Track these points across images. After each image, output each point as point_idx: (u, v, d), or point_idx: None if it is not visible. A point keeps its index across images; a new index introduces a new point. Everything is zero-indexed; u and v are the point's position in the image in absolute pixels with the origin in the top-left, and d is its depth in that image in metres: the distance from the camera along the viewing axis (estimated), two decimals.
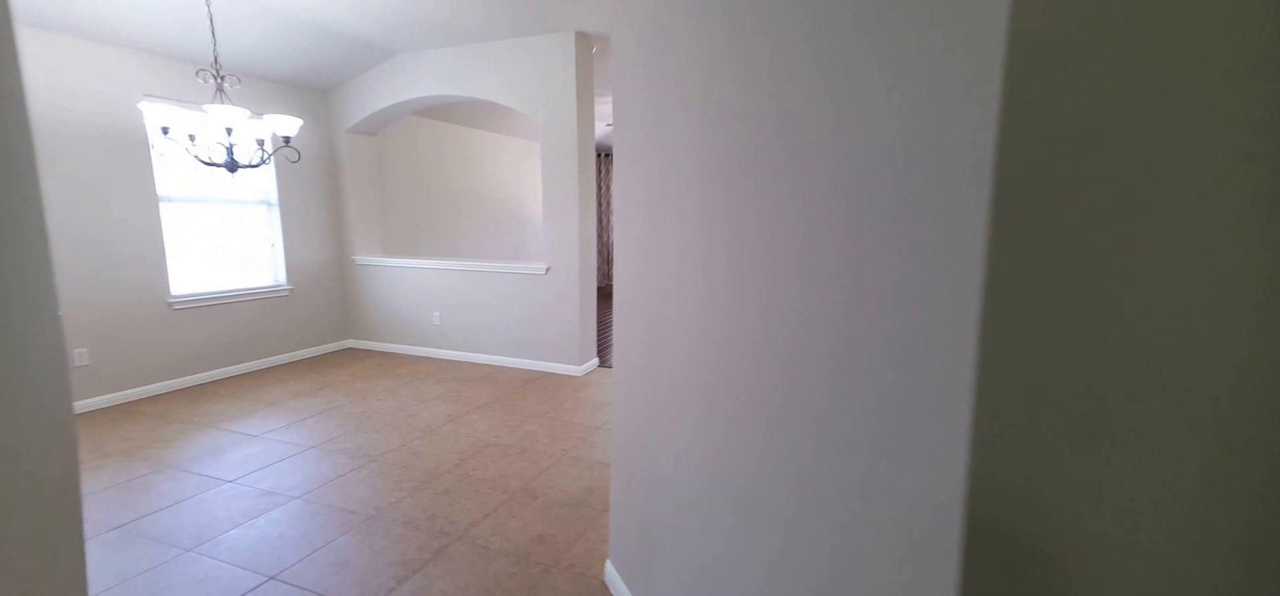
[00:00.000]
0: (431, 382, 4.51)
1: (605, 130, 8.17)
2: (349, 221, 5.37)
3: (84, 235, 3.65)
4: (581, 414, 3.89)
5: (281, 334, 4.95)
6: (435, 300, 5.18)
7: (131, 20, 3.55)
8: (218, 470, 2.99)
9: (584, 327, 4.72)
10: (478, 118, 6.61)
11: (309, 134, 5.05)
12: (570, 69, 4.31)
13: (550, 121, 4.45)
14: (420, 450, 3.29)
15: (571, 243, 4.54)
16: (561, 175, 4.49)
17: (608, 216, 9.79)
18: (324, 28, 4.09)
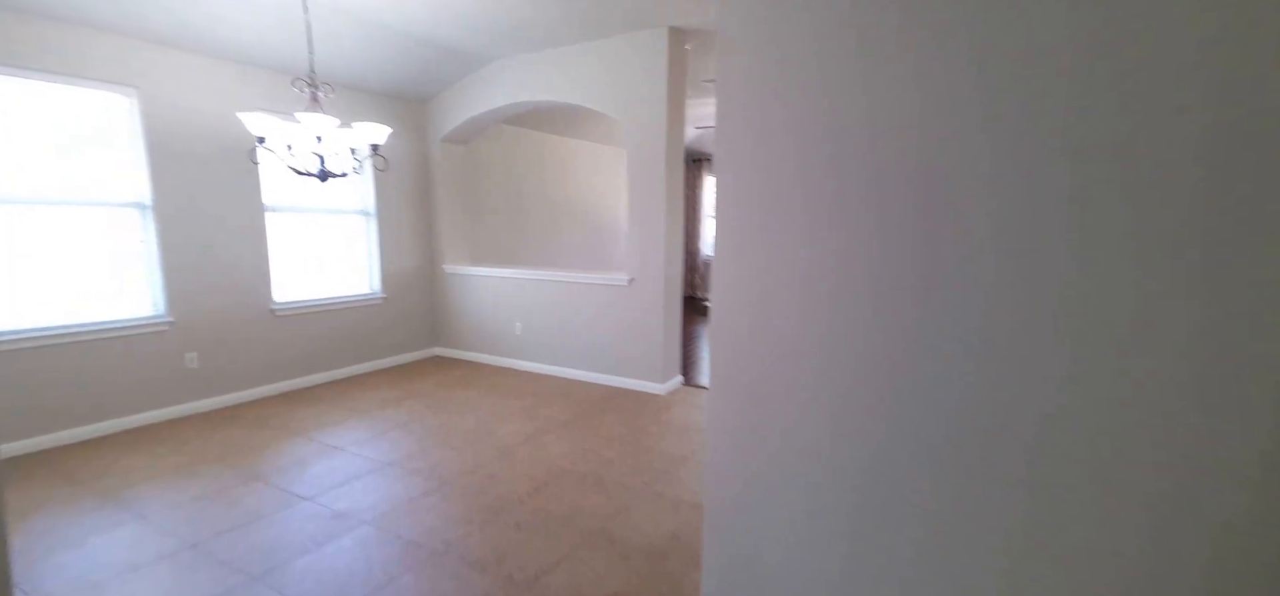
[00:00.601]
0: (510, 396, 4.36)
1: (696, 133, 7.81)
2: (440, 230, 5.41)
3: (199, 244, 3.85)
4: (665, 439, 3.54)
5: (374, 341, 5.04)
6: (517, 310, 5.06)
7: (239, 37, 3.68)
8: (299, 485, 2.95)
9: (668, 343, 4.38)
10: (565, 124, 6.50)
11: (405, 143, 5.13)
12: (661, 68, 3.99)
13: (638, 124, 4.15)
14: (494, 473, 3.10)
15: (656, 252, 4.22)
16: (648, 181, 4.18)
17: (696, 225, 9.41)
18: (420, 37, 4.08)
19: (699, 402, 4.24)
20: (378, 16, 3.70)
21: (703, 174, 9.30)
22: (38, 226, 3.22)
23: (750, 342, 1.29)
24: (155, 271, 3.68)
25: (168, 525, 2.54)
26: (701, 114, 6.77)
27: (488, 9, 3.72)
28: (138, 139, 3.54)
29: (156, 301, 3.70)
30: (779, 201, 1.16)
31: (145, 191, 3.59)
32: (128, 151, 3.53)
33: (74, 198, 3.33)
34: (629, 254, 4.37)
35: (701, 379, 4.84)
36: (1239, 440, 0.65)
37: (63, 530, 2.47)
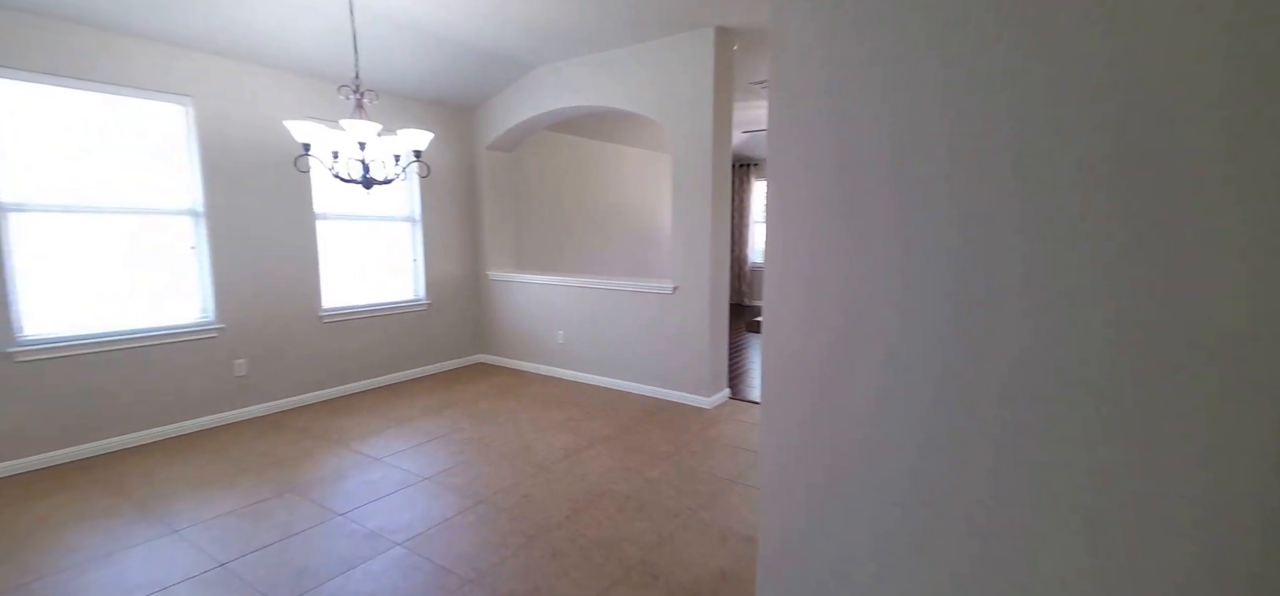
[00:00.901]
0: (552, 407, 4.21)
1: (743, 138, 7.53)
2: (484, 236, 5.35)
3: (250, 251, 3.88)
4: (712, 459, 3.28)
5: (418, 348, 5.01)
6: (559, 318, 4.93)
7: (289, 47, 3.70)
8: (335, 499, 2.87)
9: (714, 354, 4.12)
10: (609, 130, 6.35)
11: (450, 150, 5.10)
12: (707, 70, 3.77)
13: (683, 128, 3.94)
14: (532, 492, 2.93)
15: (702, 260, 3.98)
16: (693, 186, 3.95)
17: (743, 231, 9.09)
18: (465, 44, 4.01)
19: (748, 419, 3.96)
20: (423, 23, 3.64)
21: (750, 179, 8.99)
22: (96, 233, 3.29)
23: (806, 357, 1.14)
24: (206, 278, 3.72)
25: (200, 541, 2.49)
26: (749, 118, 6.48)
27: (531, 14, 3.61)
28: (192, 148, 3.60)
29: (207, 308, 3.75)
30: (836, 206, 1.05)
31: (198, 199, 3.65)
32: (182, 160, 3.59)
33: (131, 206, 3.40)
34: (673, 261, 4.15)
35: (750, 393, 4.55)
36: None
37: (97, 543, 2.46)
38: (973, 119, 0.78)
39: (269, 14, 3.34)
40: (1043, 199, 0.73)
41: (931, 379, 0.86)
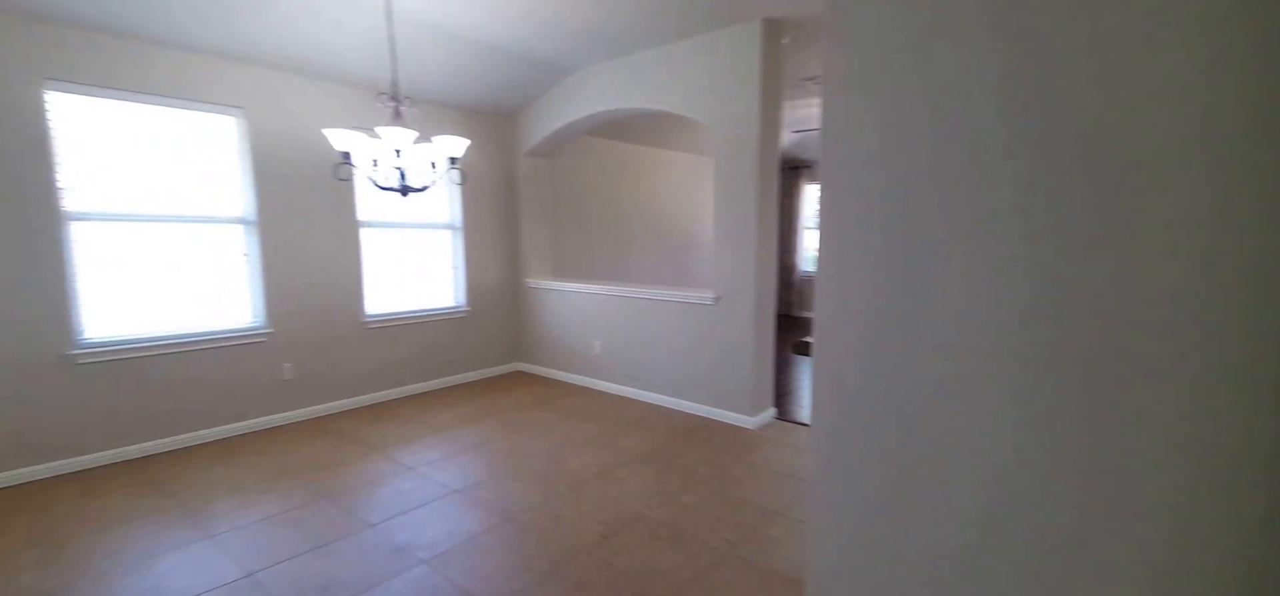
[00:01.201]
0: (587, 421, 4.09)
1: (793, 138, 7.22)
2: (523, 244, 5.32)
3: (297, 257, 3.97)
4: (755, 486, 3.07)
5: (457, 355, 5.02)
6: (596, 327, 4.81)
7: (333, 58, 3.76)
8: (366, 508, 2.84)
9: (759, 370, 3.89)
10: (649, 134, 6.22)
11: (490, 157, 5.10)
12: (753, 65, 3.56)
13: (727, 128, 3.74)
14: (561, 512, 2.80)
15: (746, 269, 3.76)
16: (738, 190, 3.75)
17: (792, 237, 8.74)
18: (503, 49, 3.97)
19: (796, 442, 3.70)
20: (462, 30, 3.62)
21: (801, 182, 8.63)
22: (152, 240, 3.42)
23: (864, 381, 1.02)
24: (256, 283, 3.82)
25: (233, 547, 2.50)
26: (800, 117, 6.19)
27: (569, 16, 3.51)
28: (244, 158, 3.71)
29: (257, 312, 3.85)
30: (898, 210, 0.94)
31: (249, 207, 3.75)
32: (234, 170, 3.70)
33: (185, 214, 3.52)
34: (715, 270, 3.95)
35: (799, 413, 4.29)
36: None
37: (139, 546, 2.50)
38: (1050, 103, 0.67)
39: (315, 25, 3.39)
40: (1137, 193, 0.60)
41: (1004, 401, 0.75)
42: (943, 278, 0.83)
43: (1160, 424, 0.63)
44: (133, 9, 2.99)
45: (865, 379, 1.03)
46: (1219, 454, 0.60)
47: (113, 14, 3.00)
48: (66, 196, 3.10)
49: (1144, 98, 0.61)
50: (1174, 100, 0.60)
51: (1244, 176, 0.56)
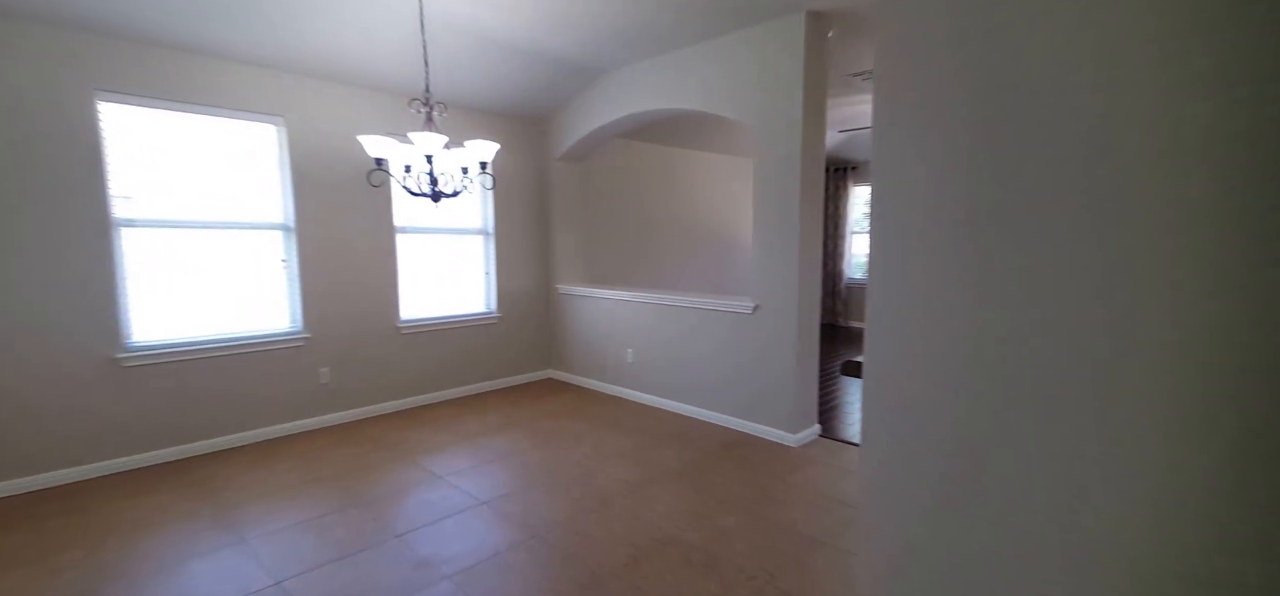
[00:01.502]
0: (618, 432, 3.96)
1: (839, 139, 6.93)
2: (554, 249, 5.26)
3: (334, 263, 4.01)
4: (796, 510, 2.86)
5: (489, 362, 4.99)
6: (629, 335, 4.68)
7: (369, 65, 3.78)
8: (393, 517, 2.79)
9: (802, 383, 3.67)
10: (684, 135, 6.07)
11: (522, 162, 5.06)
12: (796, 61, 3.37)
13: (767, 128, 3.56)
14: (590, 530, 2.68)
15: (788, 276, 3.56)
16: (779, 193, 3.55)
17: (839, 243, 8.41)
18: (536, 53, 3.92)
19: (840, 463, 3.47)
20: (494, 33, 3.57)
21: (848, 184, 8.28)
22: (195, 246, 3.50)
23: (921, 401, 0.91)
24: (295, 289, 3.87)
25: (263, 553, 2.48)
26: (846, 115, 5.92)
27: (603, 14, 3.41)
28: (284, 165, 3.77)
29: (295, 317, 3.90)
30: (959, 214, 0.85)
31: (289, 213, 3.80)
32: (274, 177, 3.76)
33: (227, 220, 3.59)
34: (755, 278, 3.76)
35: (845, 431, 4.04)
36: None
37: (169, 550, 2.51)
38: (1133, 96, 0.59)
39: (351, 33, 3.40)
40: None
41: (1087, 424, 0.66)
42: (1019, 289, 0.70)
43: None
44: (180, 21, 3.06)
45: (924, 401, 0.88)
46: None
47: (161, 26, 3.08)
48: (116, 203, 3.20)
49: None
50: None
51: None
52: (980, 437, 0.79)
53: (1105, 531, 0.65)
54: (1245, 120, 0.53)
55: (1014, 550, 0.75)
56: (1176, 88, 0.56)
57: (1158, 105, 0.58)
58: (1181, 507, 0.59)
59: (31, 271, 2.96)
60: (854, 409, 4.49)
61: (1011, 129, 0.72)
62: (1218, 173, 0.55)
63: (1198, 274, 0.56)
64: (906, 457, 0.94)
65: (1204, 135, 0.55)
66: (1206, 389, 0.56)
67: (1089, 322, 0.64)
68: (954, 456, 0.84)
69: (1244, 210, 0.53)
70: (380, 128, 4.08)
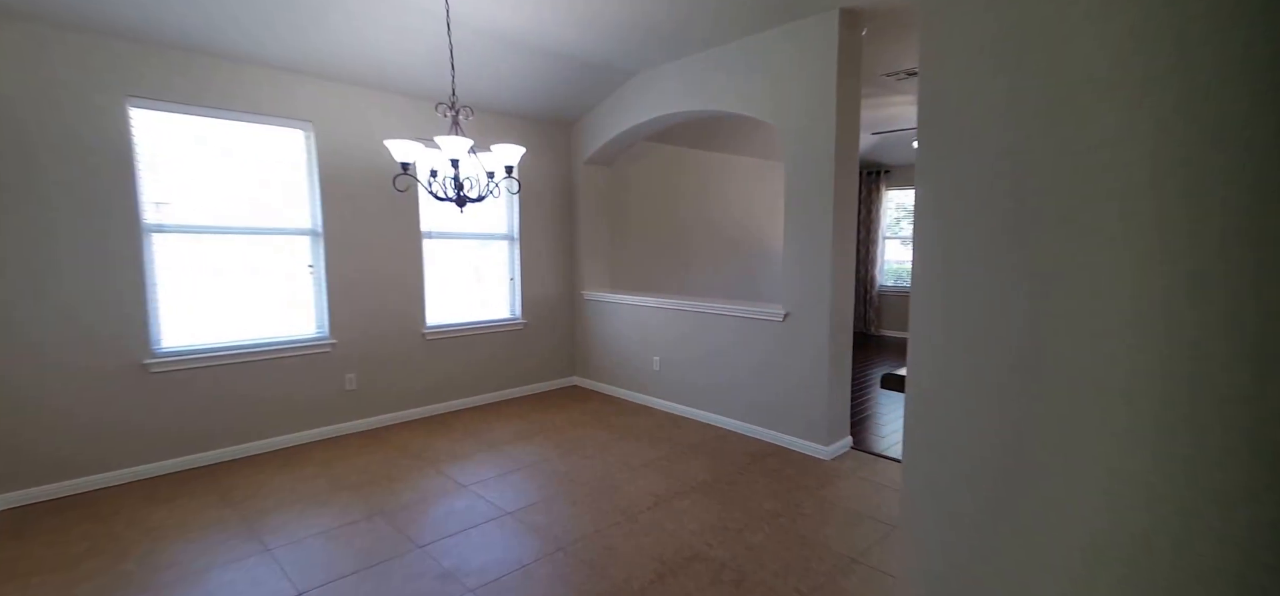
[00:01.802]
0: (645, 442, 3.87)
1: (872, 141, 6.76)
2: (580, 254, 5.21)
3: (361, 269, 4.03)
4: (829, 526, 2.74)
5: (513, 368, 4.95)
6: (655, 342, 4.60)
7: (396, 69, 3.79)
8: (417, 528, 2.75)
9: (834, 395, 3.54)
10: (713, 138, 5.97)
11: (548, 166, 5.03)
12: (829, 60, 3.26)
13: (798, 130, 3.45)
14: (615, 544, 2.60)
15: (821, 283, 3.44)
16: (811, 197, 3.44)
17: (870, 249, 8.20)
18: (563, 54, 3.88)
19: (874, 476, 3.32)
20: (521, 35, 3.54)
21: (881, 188, 8.07)
22: (224, 252, 3.54)
23: (969, 415, 0.84)
24: (322, 294, 3.89)
25: (288, 562, 2.46)
26: (880, 117, 5.76)
27: (631, 14, 3.35)
28: (312, 170, 3.79)
29: (322, 323, 3.92)
30: (1008, 217, 0.77)
31: (316, 219, 3.83)
32: (301, 182, 3.79)
33: (256, 226, 3.63)
34: (785, 284, 3.64)
35: (878, 443, 3.88)
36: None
37: (197, 559, 2.51)
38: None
39: (378, 37, 3.41)
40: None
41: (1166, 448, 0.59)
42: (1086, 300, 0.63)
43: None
44: (212, 27, 3.10)
45: (972, 415, 0.79)
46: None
47: (192, 32, 3.12)
48: (147, 209, 3.25)
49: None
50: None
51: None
52: (1031, 452, 0.70)
53: (1168, 554, 0.58)
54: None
55: (1066, 573, 0.66)
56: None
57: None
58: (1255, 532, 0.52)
59: (64, 277, 3.01)
60: (887, 420, 4.33)
61: (1034, 136, 0.64)
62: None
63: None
64: (951, 474, 0.86)
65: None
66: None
67: (1151, 332, 0.57)
68: (1003, 473, 0.77)
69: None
70: (407, 132, 4.09)
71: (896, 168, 7.95)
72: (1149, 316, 0.58)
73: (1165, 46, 0.55)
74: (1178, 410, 0.57)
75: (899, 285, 8.18)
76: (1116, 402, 0.61)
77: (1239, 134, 0.51)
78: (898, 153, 7.39)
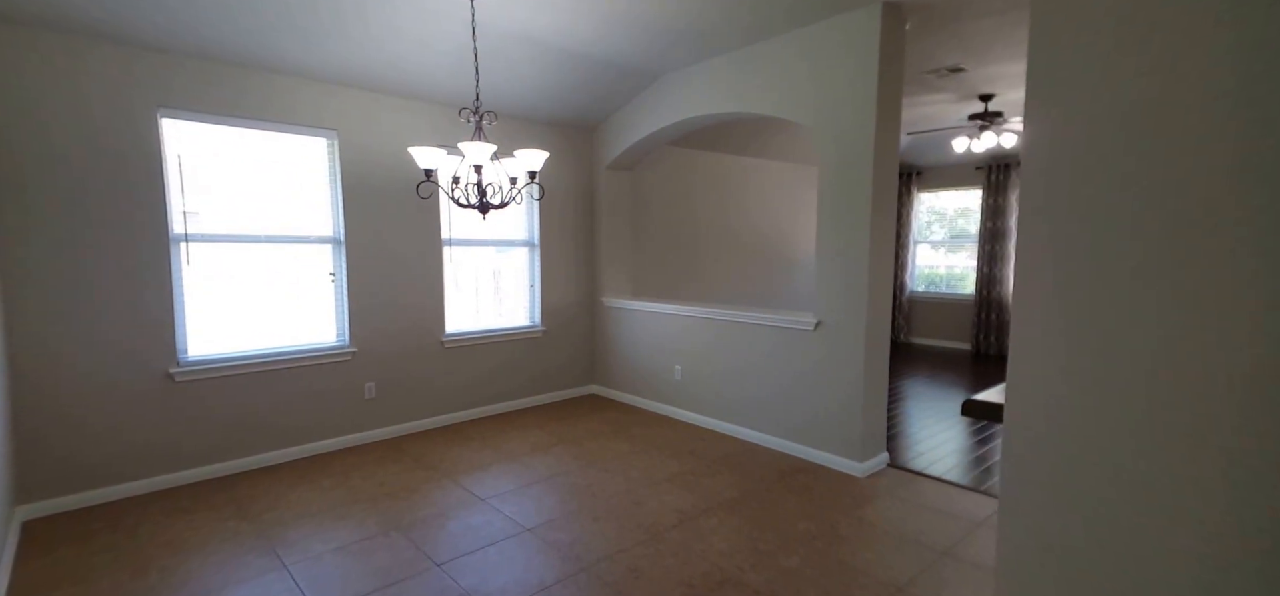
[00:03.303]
0: (668, 455, 3.73)
1: (906, 141, 6.53)
2: (601, 261, 5.10)
3: (381, 276, 3.98)
4: (869, 550, 2.57)
5: (532, 377, 4.86)
6: (677, 350, 4.46)
7: (419, 75, 3.73)
8: (435, 544, 2.66)
9: (870, 408, 3.36)
10: (739, 142, 5.82)
11: (569, 172, 4.94)
12: (870, 57, 3.10)
13: (835, 132, 3.30)
14: (640, 566, 2.47)
15: (857, 291, 3.27)
16: (847, 201, 3.28)
17: (903, 253, 7.94)
18: (588, 56, 3.78)
19: (915, 496, 3.14)
20: (545, 37, 3.45)
21: (913, 191, 7.81)
22: (249, 260, 3.51)
23: (1082, 451, 0.67)
24: (343, 303, 3.85)
25: (303, 579, 2.38)
26: (917, 116, 5.54)
27: (657, 15, 3.24)
28: (335, 178, 3.76)
29: (343, 331, 3.87)
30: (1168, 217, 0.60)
31: (338, 227, 3.79)
32: (324, 190, 3.76)
33: (280, 234, 3.60)
34: (817, 292, 3.48)
35: (914, 459, 3.69)
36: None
37: (213, 575, 2.45)
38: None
39: (401, 44, 3.35)
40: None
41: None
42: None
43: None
44: (242, 36, 3.07)
45: (1086, 450, 0.66)
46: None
47: (223, 42, 3.10)
48: (175, 219, 3.23)
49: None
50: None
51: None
52: (1153, 492, 0.57)
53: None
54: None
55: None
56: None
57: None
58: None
59: (94, 286, 3.00)
60: (923, 435, 4.12)
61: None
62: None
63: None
64: (1059, 518, 0.71)
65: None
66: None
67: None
68: (1121, 515, 0.62)
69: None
70: (429, 138, 4.03)
71: (928, 169, 7.69)
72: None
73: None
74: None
75: (930, 291, 7.90)
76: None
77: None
78: (931, 153, 7.14)
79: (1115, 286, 0.61)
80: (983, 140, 5.32)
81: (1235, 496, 0.54)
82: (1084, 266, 0.67)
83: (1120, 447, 0.62)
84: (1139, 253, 0.60)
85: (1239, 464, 0.53)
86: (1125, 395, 0.62)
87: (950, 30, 3.53)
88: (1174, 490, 0.58)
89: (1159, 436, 0.58)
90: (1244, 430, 0.52)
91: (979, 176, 7.12)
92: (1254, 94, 0.50)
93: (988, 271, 7.03)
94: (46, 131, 2.85)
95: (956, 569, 2.44)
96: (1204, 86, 0.54)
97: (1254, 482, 0.52)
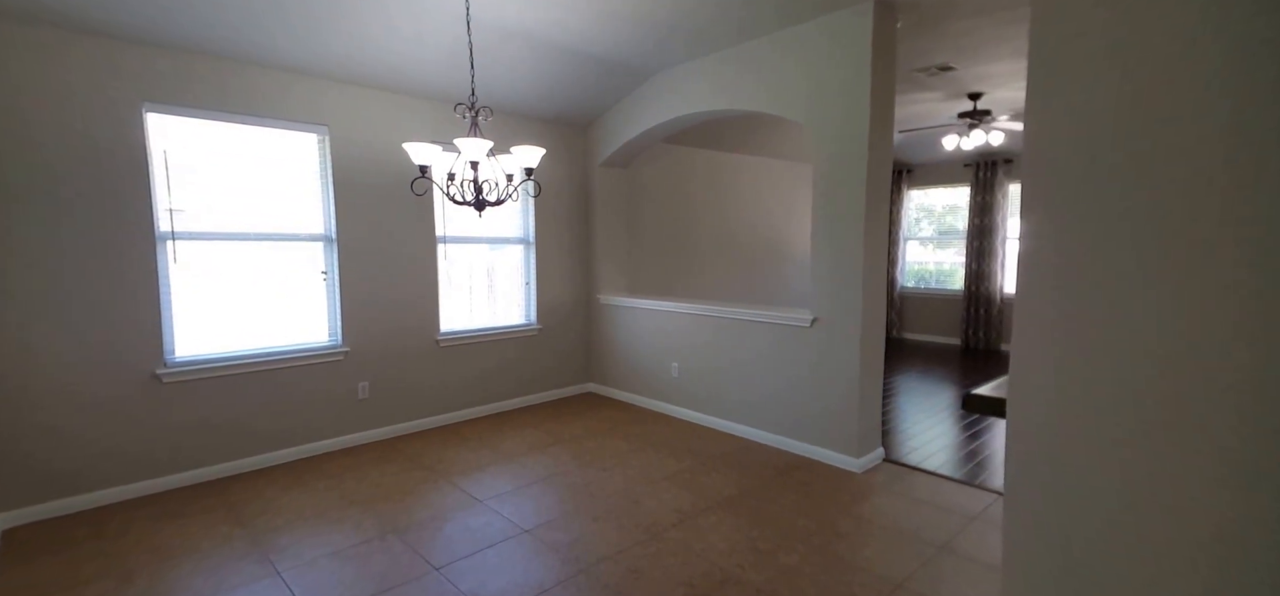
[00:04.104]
0: (665, 453, 3.73)
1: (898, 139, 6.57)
2: (596, 258, 5.08)
3: (375, 275, 3.92)
4: (868, 547, 2.58)
5: (528, 375, 4.83)
6: (673, 348, 4.46)
7: (412, 71, 3.68)
8: (431, 548, 2.63)
9: (865, 404, 3.38)
10: (733, 139, 5.82)
11: (563, 169, 4.91)
12: (863, 55, 3.11)
13: (828, 128, 3.30)
14: (640, 566, 2.46)
15: (851, 287, 3.28)
16: (841, 198, 3.29)
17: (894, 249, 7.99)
18: (582, 53, 3.75)
19: (911, 491, 3.16)
20: (541, 34, 3.42)
21: (903, 188, 7.88)
22: (238, 259, 3.44)
23: (1085, 447, 0.68)
24: (335, 301, 3.79)
25: (297, 586, 2.34)
26: (908, 114, 5.58)
27: (655, 10, 3.22)
28: (326, 175, 3.69)
29: (335, 331, 3.81)
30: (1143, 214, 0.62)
31: (330, 224, 3.72)
32: (315, 187, 3.69)
33: (270, 232, 3.53)
34: (813, 288, 3.49)
35: (909, 454, 3.72)
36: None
37: (201, 581, 2.40)
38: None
39: (395, 39, 3.30)
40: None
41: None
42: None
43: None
44: (229, 29, 3.00)
45: (1089, 446, 0.67)
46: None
47: (210, 36, 3.03)
48: (161, 216, 3.16)
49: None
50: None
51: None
52: (1160, 492, 0.57)
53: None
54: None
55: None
56: None
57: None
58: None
59: (78, 285, 2.92)
60: (916, 430, 4.15)
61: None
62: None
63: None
64: (1065, 517, 0.71)
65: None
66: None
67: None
68: (1128, 514, 0.61)
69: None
70: (423, 134, 3.98)
71: (919, 166, 7.75)
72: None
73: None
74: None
75: (920, 286, 7.98)
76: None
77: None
78: (921, 151, 7.19)
79: (1118, 283, 0.61)
80: (972, 138, 5.36)
81: (1236, 496, 0.54)
82: (1086, 262, 0.67)
83: (1122, 447, 0.62)
84: (1142, 248, 0.59)
85: (1240, 463, 0.53)
86: (1128, 392, 0.62)
87: (940, 29, 3.55)
88: (1175, 489, 0.59)
89: (1162, 434, 0.58)
90: (1243, 429, 0.53)
91: (967, 173, 7.20)
92: (1257, 94, 0.50)
93: (976, 267, 7.12)
94: (27, 126, 2.76)
95: (954, 563, 2.46)
96: (1206, 85, 0.54)
97: (1258, 481, 0.52)
